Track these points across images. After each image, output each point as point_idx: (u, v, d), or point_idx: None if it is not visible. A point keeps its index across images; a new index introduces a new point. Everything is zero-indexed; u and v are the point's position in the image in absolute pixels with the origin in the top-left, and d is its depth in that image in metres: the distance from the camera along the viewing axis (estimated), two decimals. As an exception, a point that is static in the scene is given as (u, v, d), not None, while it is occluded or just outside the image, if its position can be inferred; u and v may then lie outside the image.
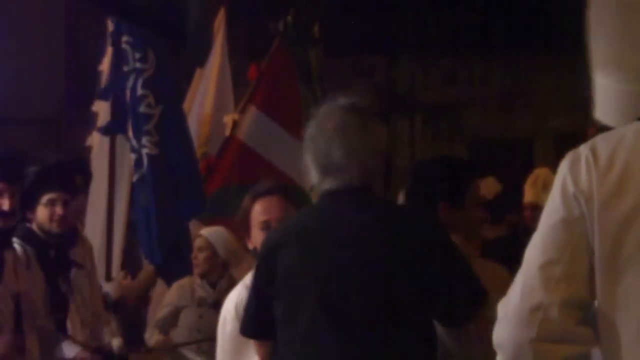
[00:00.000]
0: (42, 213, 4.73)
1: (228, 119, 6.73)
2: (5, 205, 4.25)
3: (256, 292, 3.07)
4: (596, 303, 1.89)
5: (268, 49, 7.04)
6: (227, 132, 6.73)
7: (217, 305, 5.76)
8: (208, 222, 6.30)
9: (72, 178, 4.85)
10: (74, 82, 10.60)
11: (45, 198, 4.72)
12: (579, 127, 14.77)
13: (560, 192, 1.93)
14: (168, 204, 5.96)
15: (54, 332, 4.65)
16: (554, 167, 7.29)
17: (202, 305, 5.82)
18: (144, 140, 5.82)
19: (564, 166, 1.96)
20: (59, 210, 4.71)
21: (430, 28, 14.19)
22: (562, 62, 14.62)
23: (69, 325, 4.87)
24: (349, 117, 2.96)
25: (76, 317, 4.89)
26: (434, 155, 14.35)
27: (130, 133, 5.93)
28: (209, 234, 5.89)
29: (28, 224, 4.75)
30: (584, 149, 1.96)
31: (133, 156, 5.94)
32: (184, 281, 5.98)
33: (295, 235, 2.98)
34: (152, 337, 5.96)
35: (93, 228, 6.35)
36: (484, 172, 13.30)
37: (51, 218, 4.72)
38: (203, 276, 5.84)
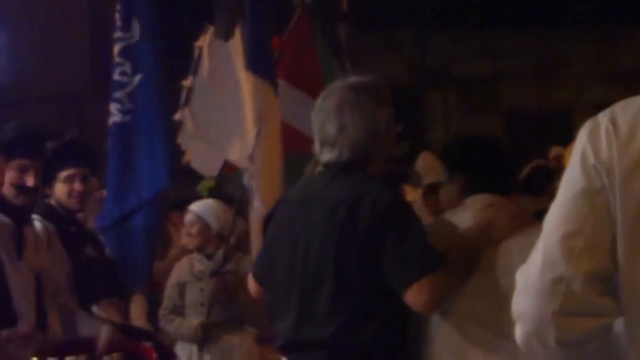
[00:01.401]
0: (60, 189, 4.72)
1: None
2: (30, 181, 4.25)
3: (262, 246, 3.52)
4: (619, 274, 1.88)
5: (289, 21, 7.00)
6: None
7: (216, 277, 5.88)
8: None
9: (90, 153, 4.84)
10: (99, 58, 10.61)
11: (63, 174, 4.71)
12: (617, 99, 14.67)
13: (580, 162, 1.92)
14: (127, 174, 5.91)
15: (77, 309, 4.64)
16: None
17: (202, 279, 5.93)
18: (113, 107, 5.76)
19: (582, 135, 1.94)
20: (77, 186, 4.71)
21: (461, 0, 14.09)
22: (600, 32, 14.46)
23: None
24: (347, 95, 3.18)
25: None
26: (468, 129, 14.31)
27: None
28: (197, 207, 6.06)
29: (47, 200, 4.74)
30: (603, 118, 1.94)
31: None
32: (183, 259, 6.18)
33: (284, 204, 3.35)
34: (177, 324, 5.98)
35: None
36: (521, 145, 13.22)
37: (70, 194, 4.71)
38: (199, 250, 6.01)
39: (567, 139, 15.65)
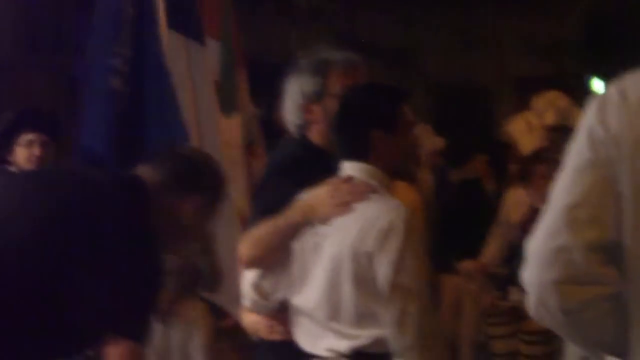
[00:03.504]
0: (20, 154, 4.94)
1: None
2: None
3: None
4: (623, 245, 1.94)
5: None
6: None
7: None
8: None
9: (50, 120, 5.12)
10: (30, 26, 10.69)
11: (23, 139, 4.95)
12: (540, 73, 15.23)
13: (587, 134, 1.96)
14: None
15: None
16: (515, 113, 7.57)
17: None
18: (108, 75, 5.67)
19: (591, 107, 1.97)
20: (36, 151, 4.93)
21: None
22: (524, 5, 15.00)
23: None
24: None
25: None
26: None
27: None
28: None
29: (7, 167, 5.00)
30: (612, 90, 1.97)
31: None
32: None
33: None
34: None
35: None
36: (445, 117, 13.70)
37: (29, 159, 4.92)
38: None
39: (490, 112, 16.25)
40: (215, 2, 6.39)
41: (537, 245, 1.99)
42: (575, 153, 1.98)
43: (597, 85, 13.80)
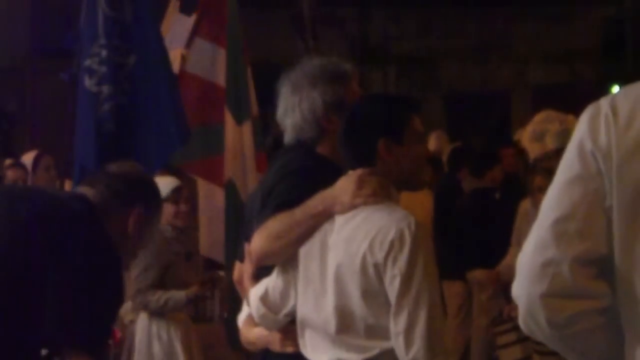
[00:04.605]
0: None
1: (176, 55, 6.62)
2: None
3: None
4: (614, 259, 1.95)
5: None
6: (176, 68, 6.57)
7: (189, 256, 5.85)
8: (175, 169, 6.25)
9: None
10: (40, 31, 10.68)
11: None
12: (558, 79, 15.18)
13: (577, 148, 1.97)
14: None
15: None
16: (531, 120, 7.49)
17: (189, 258, 5.85)
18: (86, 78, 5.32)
19: (583, 121, 1.99)
20: None
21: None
22: (540, 13, 14.98)
23: None
24: (294, 77, 3.34)
25: None
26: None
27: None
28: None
29: None
30: (604, 104, 1.98)
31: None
32: (157, 239, 5.58)
33: None
34: (162, 300, 5.68)
35: None
36: (460, 125, 13.65)
37: None
38: (184, 229, 5.88)
39: (506, 119, 16.20)
40: (221, 11, 6.44)
41: (525, 259, 2.00)
42: (566, 166, 1.99)
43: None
